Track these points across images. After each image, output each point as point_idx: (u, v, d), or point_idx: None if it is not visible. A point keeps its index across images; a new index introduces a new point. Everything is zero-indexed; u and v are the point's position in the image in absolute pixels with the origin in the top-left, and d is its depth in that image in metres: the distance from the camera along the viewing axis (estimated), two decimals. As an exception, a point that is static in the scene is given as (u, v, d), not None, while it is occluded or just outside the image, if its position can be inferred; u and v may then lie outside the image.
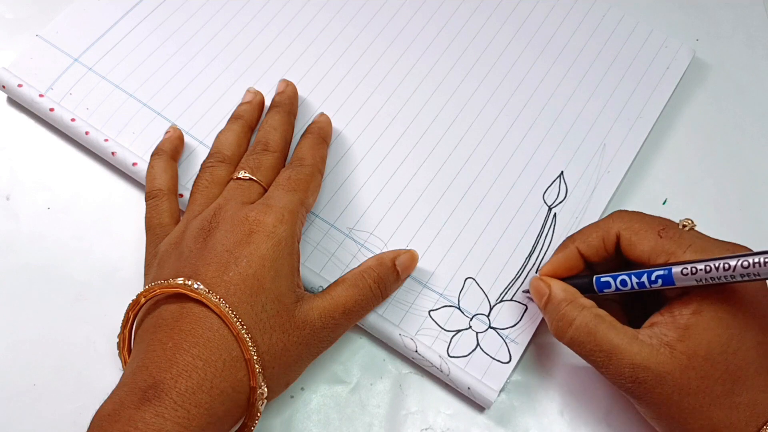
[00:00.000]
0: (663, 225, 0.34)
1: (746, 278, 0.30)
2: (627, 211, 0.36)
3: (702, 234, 0.34)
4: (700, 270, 0.31)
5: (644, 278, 0.33)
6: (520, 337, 0.39)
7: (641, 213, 0.36)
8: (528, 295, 0.39)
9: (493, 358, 0.38)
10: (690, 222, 0.35)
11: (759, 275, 0.29)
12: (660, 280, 0.32)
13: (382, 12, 0.47)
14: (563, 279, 0.37)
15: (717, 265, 0.30)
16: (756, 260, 0.29)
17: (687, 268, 0.31)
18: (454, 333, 0.38)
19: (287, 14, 0.46)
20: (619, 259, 0.36)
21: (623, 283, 0.34)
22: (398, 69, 0.45)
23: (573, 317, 0.34)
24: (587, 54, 0.47)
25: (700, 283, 0.31)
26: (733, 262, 0.30)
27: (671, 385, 0.31)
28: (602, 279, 0.35)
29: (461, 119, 0.44)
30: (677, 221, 0.35)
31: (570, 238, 0.37)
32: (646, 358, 0.32)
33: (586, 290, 0.36)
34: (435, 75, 0.45)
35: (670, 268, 0.32)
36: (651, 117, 0.45)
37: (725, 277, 0.30)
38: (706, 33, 0.50)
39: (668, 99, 0.46)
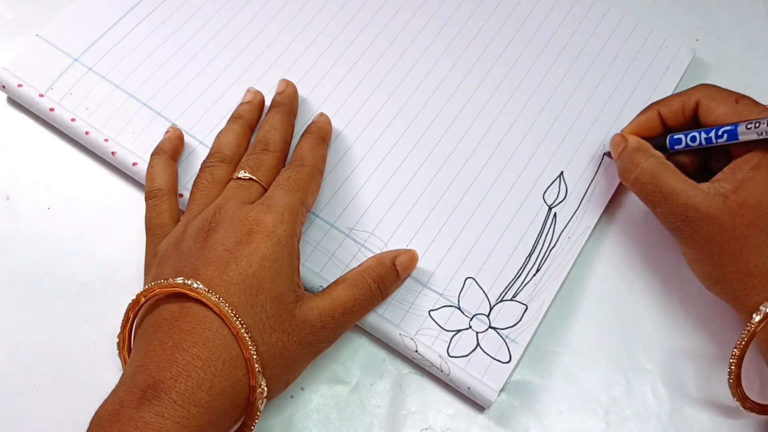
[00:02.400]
0: (741, 95, 0.37)
1: None
2: (709, 84, 0.39)
3: None
4: (763, 123, 0.34)
5: (712, 133, 0.36)
6: (520, 337, 0.39)
7: (721, 87, 0.38)
8: (608, 154, 0.42)
9: (493, 358, 0.38)
10: None
11: None
12: (726, 135, 0.36)
13: (382, 12, 0.47)
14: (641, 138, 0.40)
15: None
16: None
17: (751, 123, 0.34)
18: (454, 333, 0.38)
19: (287, 14, 0.46)
20: (697, 128, 0.38)
21: (693, 139, 0.37)
22: (398, 69, 0.45)
23: (640, 161, 0.37)
24: (587, 54, 0.47)
25: (762, 137, 0.34)
26: None
27: (717, 226, 0.34)
28: (675, 136, 0.38)
29: (461, 119, 0.44)
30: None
31: (653, 103, 0.40)
32: (700, 201, 0.35)
33: (661, 149, 0.39)
34: (435, 75, 0.45)
35: (737, 124, 0.35)
36: (651, 117, 0.45)
37: None
38: (706, 33, 0.50)
39: (668, 99, 0.46)
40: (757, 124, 0.34)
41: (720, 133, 0.36)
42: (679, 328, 0.40)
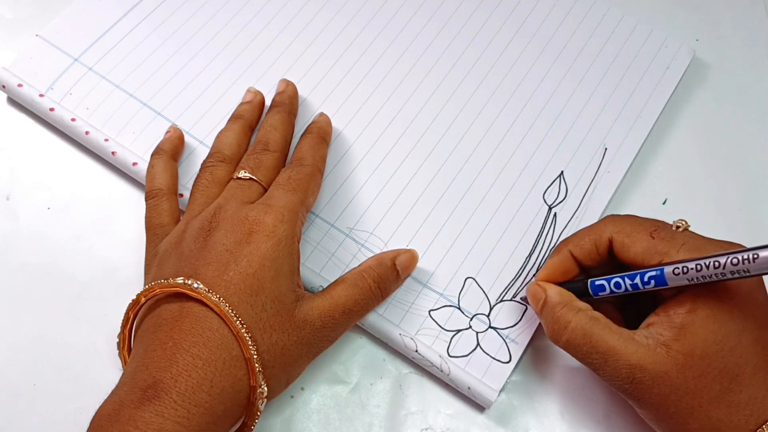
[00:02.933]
0: (655, 226, 0.34)
1: (737, 275, 0.30)
2: (619, 215, 0.36)
3: (696, 234, 0.34)
4: (691, 269, 0.31)
5: (637, 279, 0.33)
6: (520, 337, 0.39)
7: (633, 216, 0.36)
8: (526, 302, 0.39)
9: (493, 358, 0.38)
10: (684, 222, 0.35)
11: (749, 272, 0.29)
12: (653, 281, 0.32)
13: (383, 12, 0.47)
14: (559, 284, 0.37)
15: (707, 263, 0.30)
16: (745, 256, 0.29)
17: (678, 268, 0.31)
18: (454, 333, 0.38)
19: (287, 14, 0.46)
20: (613, 262, 0.36)
21: (617, 285, 0.34)
22: (398, 69, 0.45)
23: (568, 320, 0.34)
24: (587, 54, 0.47)
25: (692, 282, 0.31)
26: (723, 260, 0.30)
27: (669, 384, 0.31)
28: (596, 282, 0.35)
29: (461, 119, 0.44)
30: (671, 222, 0.35)
31: (563, 242, 0.37)
32: (643, 358, 0.32)
33: (582, 294, 0.36)
34: (435, 75, 0.45)
35: (663, 269, 0.32)
36: (651, 117, 0.45)
37: (716, 275, 0.30)
38: (706, 33, 0.50)
39: (668, 99, 0.46)
40: (685, 269, 0.31)
41: (646, 279, 0.33)
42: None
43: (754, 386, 0.31)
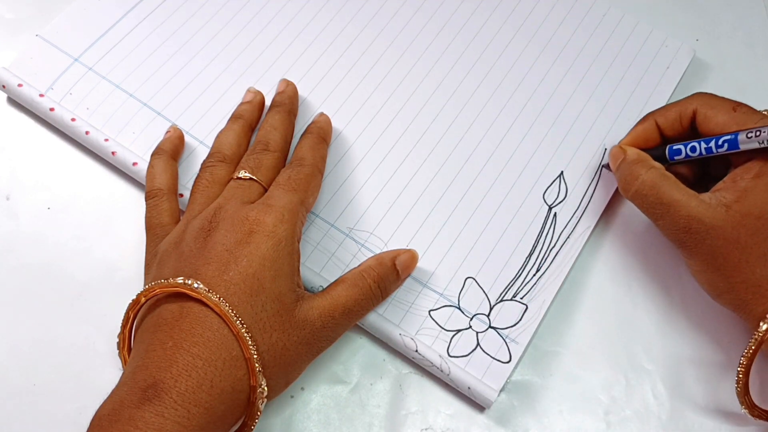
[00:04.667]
0: (738, 103, 0.37)
1: None
2: (705, 92, 0.39)
3: None
4: (764, 132, 0.33)
5: (712, 143, 0.36)
6: (521, 337, 0.39)
7: (718, 95, 0.38)
8: (606, 166, 0.42)
9: (494, 358, 0.38)
10: None
11: None
12: (726, 144, 0.35)
13: (382, 12, 0.47)
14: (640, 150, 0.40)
15: None
16: None
17: (752, 132, 0.34)
18: (454, 333, 0.38)
19: (287, 14, 0.46)
20: (694, 137, 0.38)
21: (693, 149, 0.37)
22: (398, 69, 0.45)
23: (640, 173, 0.37)
24: (587, 54, 0.47)
25: (763, 146, 0.34)
26: None
27: (721, 237, 0.34)
28: (674, 147, 0.38)
29: (461, 119, 0.44)
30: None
31: (649, 113, 0.40)
32: (702, 211, 0.34)
33: (660, 160, 0.39)
34: (435, 75, 0.45)
35: (737, 133, 0.35)
36: (651, 117, 0.45)
37: None
38: (706, 33, 0.50)
39: (668, 99, 0.46)
40: (758, 133, 0.34)
41: (720, 142, 0.36)
42: (679, 329, 0.40)
43: None
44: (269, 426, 0.37)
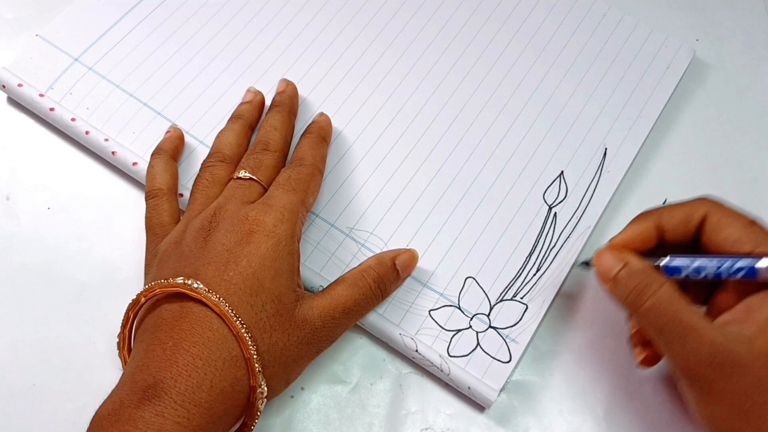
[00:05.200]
0: (753, 218, 0.32)
1: None
2: (714, 197, 0.34)
3: None
4: None
5: (724, 267, 0.31)
6: (521, 337, 0.39)
7: (728, 204, 0.34)
8: (585, 267, 0.37)
9: (494, 358, 0.38)
10: None
11: None
12: (742, 272, 0.31)
13: (382, 12, 0.47)
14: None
15: None
16: None
17: None
18: (454, 332, 0.38)
19: (287, 14, 0.46)
20: (693, 248, 0.34)
21: (697, 270, 0.32)
22: (398, 69, 0.45)
23: (655, 287, 0.31)
24: (587, 54, 0.47)
25: None
26: None
27: (751, 376, 0.29)
28: (673, 263, 0.32)
29: (461, 119, 0.44)
30: None
31: (650, 211, 0.34)
32: (726, 342, 0.30)
33: None
34: (435, 75, 0.45)
35: (759, 258, 0.30)
36: (651, 117, 0.45)
37: None
38: (706, 33, 0.50)
39: (668, 99, 0.46)
40: None
41: (735, 269, 0.31)
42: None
43: None
44: (269, 426, 0.37)
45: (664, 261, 0.33)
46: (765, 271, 0.30)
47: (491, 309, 0.39)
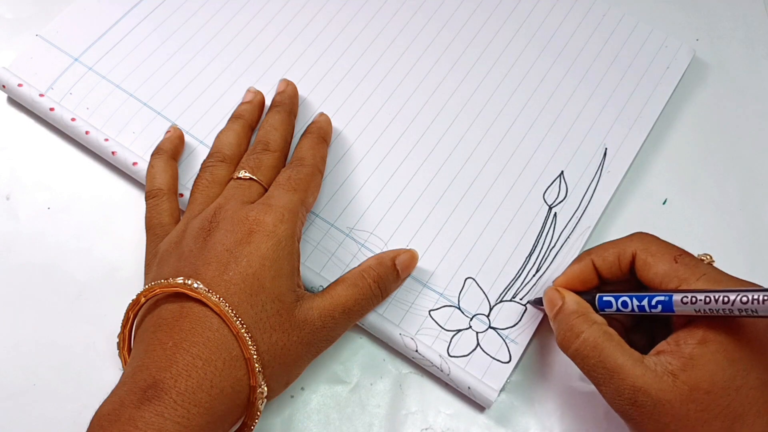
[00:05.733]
0: (680, 252, 0.34)
1: (745, 314, 0.29)
2: (647, 233, 0.36)
3: (719, 269, 0.33)
4: (700, 300, 0.30)
5: (645, 301, 0.33)
6: (520, 337, 0.39)
7: (660, 239, 0.35)
8: (538, 306, 0.39)
9: (494, 358, 0.38)
10: (708, 257, 0.35)
11: (757, 312, 0.28)
12: (660, 306, 0.32)
13: (382, 12, 0.47)
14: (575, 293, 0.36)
15: (716, 297, 0.30)
16: (755, 296, 0.28)
17: (687, 297, 0.31)
18: (454, 333, 0.38)
19: (287, 14, 0.46)
20: (632, 283, 0.35)
21: (624, 304, 0.34)
22: (398, 69, 0.45)
23: (581, 330, 0.33)
24: (587, 54, 0.47)
25: (699, 314, 0.31)
26: (732, 296, 0.29)
27: (670, 413, 0.30)
28: (604, 298, 0.35)
29: (461, 119, 0.44)
30: (696, 254, 0.34)
31: (586, 252, 0.37)
32: (648, 382, 0.31)
33: (593, 308, 0.35)
34: (435, 75, 0.45)
35: (672, 295, 0.31)
36: (651, 117, 0.45)
37: (724, 310, 0.29)
38: (706, 33, 0.50)
39: (668, 99, 0.46)
40: (694, 299, 0.31)
41: (654, 303, 0.32)
42: (679, 328, 0.40)
43: (757, 429, 0.30)
44: (269, 426, 0.37)
45: (597, 298, 0.35)
46: (680, 305, 0.31)
47: (491, 309, 0.39)
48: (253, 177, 0.37)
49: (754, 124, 0.47)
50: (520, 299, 0.39)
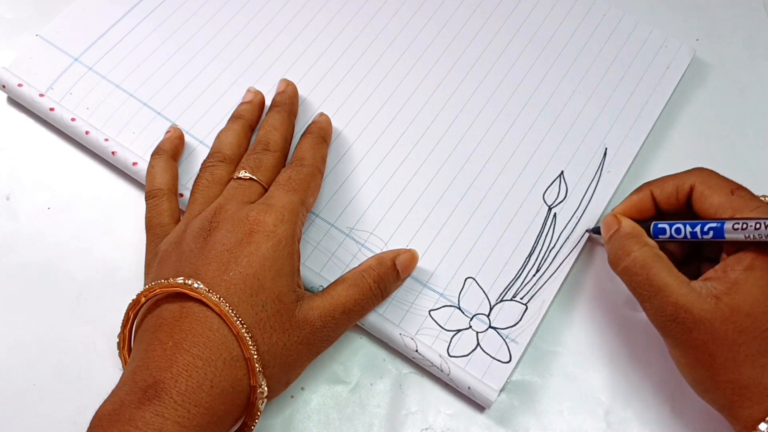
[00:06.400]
0: (737, 186, 0.35)
1: None
2: (707, 168, 0.37)
3: None
4: (751, 226, 0.32)
5: (698, 228, 0.34)
6: (520, 337, 0.39)
7: (719, 174, 0.36)
8: (596, 233, 0.40)
9: (494, 358, 0.38)
10: (767, 197, 0.36)
11: None
12: (712, 232, 0.33)
13: (382, 12, 0.47)
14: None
15: (767, 223, 0.31)
16: None
17: (738, 223, 0.32)
18: (454, 333, 0.38)
19: (287, 14, 0.46)
20: (689, 216, 0.36)
21: (677, 231, 0.35)
22: (398, 69, 0.45)
23: (633, 249, 0.35)
24: (587, 54, 0.47)
25: (749, 239, 0.32)
26: None
27: (709, 331, 0.32)
28: (659, 225, 0.36)
29: (461, 119, 0.44)
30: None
31: (646, 183, 0.38)
32: (691, 301, 0.32)
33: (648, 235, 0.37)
34: (435, 74, 0.45)
35: (724, 222, 0.33)
36: (651, 117, 0.45)
37: None
38: (706, 33, 0.50)
39: (668, 99, 0.46)
40: (745, 225, 0.32)
41: (706, 229, 0.34)
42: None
43: None
44: (269, 426, 0.37)
45: (652, 225, 0.37)
46: (731, 232, 0.33)
47: (491, 309, 0.39)
48: (254, 177, 0.37)
49: (754, 124, 0.47)
50: (521, 299, 0.39)
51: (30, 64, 0.43)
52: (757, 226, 0.31)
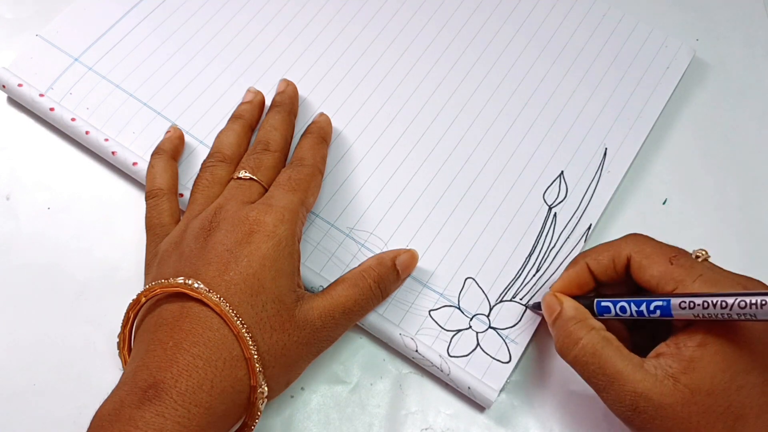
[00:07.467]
0: (675, 252, 0.34)
1: (743, 318, 0.29)
2: (641, 234, 0.35)
3: (715, 266, 0.33)
4: (698, 305, 0.30)
5: (643, 307, 0.32)
6: (520, 337, 0.39)
7: (654, 239, 0.35)
8: (537, 311, 0.39)
9: (494, 358, 0.38)
10: (704, 253, 0.34)
11: (756, 317, 0.28)
12: (658, 311, 0.32)
13: (383, 12, 0.47)
14: (572, 297, 0.36)
15: (714, 302, 0.29)
16: (753, 301, 0.28)
17: (685, 302, 0.31)
18: (454, 333, 0.38)
19: (287, 14, 0.46)
20: (629, 283, 0.35)
21: (622, 309, 0.33)
22: (398, 69, 0.45)
23: (580, 336, 0.33)
24: (587, 54, 0.47)
25: (698, 318, 0.31)
26: (730, 301, 0.29)
27: (672, 417, 0.30)
28: (602, 303, 0.34)
29: (461, 119, 0.44)
30: (691, 251, 0.34)
31: (581, 255, 0.37)
32: (649, 387, 0.31)
33: (592, 312, 0.35)
34: (435, 74, 0.45)
35: (669, 300, 0.31)
36: (651, 117, 0.45)
37: (722, 314, 0.29)
38: (706, 33, 0.50)
39: (668, 99, 0.46)
40: (692, 305, 0.30)
41: (652, 308, 0.32)
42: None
43: (758, 428, 0.30)
44: (269, 426, 0.37)
45: (595, 303, 0.35)
46: (678, 310, 0.31)
47: (491, 309, 0.39)
48: (254, 177, 0.37)
49: (754, 124, 0.47)
50: (520, 299, 0.39)
51: (30, 64, 0.43)
52: (705, 305, 0.30)
